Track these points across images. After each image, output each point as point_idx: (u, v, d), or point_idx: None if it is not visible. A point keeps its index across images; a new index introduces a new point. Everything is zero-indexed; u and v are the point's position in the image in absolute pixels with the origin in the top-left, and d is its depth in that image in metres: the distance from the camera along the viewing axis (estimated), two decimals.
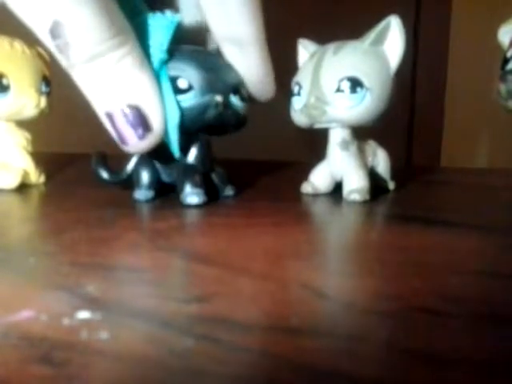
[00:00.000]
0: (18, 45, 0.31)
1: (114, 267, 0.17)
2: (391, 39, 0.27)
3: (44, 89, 0.32)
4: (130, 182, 0.28)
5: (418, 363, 0.11)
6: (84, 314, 0.13)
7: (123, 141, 0.22)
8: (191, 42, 0.26)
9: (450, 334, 0.12)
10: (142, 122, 0.22)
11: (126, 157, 0.28)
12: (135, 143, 0.22)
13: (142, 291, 0.15)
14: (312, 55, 0.29)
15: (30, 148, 0.33)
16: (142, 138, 0.22)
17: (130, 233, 0.21)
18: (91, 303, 0.14)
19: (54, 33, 0.20)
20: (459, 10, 0.83)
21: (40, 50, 0.33)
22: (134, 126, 0.22)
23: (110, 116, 0.22)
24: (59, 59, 0.21)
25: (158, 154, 0.26)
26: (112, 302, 0.14)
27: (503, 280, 0.16)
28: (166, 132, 0.24)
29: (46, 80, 0.33)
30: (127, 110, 0.22)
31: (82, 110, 0.24)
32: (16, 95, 0.31)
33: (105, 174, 0.29)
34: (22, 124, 0.33)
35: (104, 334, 0.12)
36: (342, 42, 0.28)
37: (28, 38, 0.22)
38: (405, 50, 0.27)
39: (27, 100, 0.31)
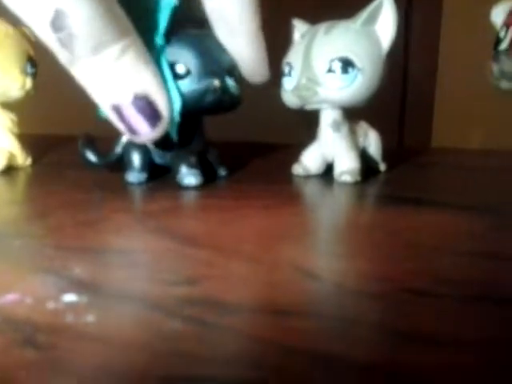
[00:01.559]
0: (2, 25, 0.30)
1: (101, 250, 0.17)
2: (383, 19, 0.26)
3: (29, 70, 0.32)
4: (120, 164, 0.28)
5: (407, 344, 0.11)
6: (70, 297, 0.13)
7: (134, 132, 0.22)
8: (193, 23, 0.26)
9: (440, 315, 0.12)
10: (152, 110, 0.21)
11: (115, 138, 0.28)
12: (147, 132, 0.22)
13: (130, 274, 0.15)
14: (303, 35, 0.28)
15: (16, 130, 0.32)
16: (153, 126, 0.22)
17: (119, 215, 0.21)
18: (78, 286, 0.14)
19: (56, 24, 0.19)
20: None
21: (25, 29, 0.32)
22: (145, 116, 0.21)
23: (117, 108, 0.21)
24: (59, 54, 0.20)
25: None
26: (99, 284, 0.14)
27: (494, 261, 0.16)
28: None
29: (32, 61, 0.32)
30: (136, 101, 0.21)
31: (70, 90, 0.23)
32: (0, 76, 0.30)
33: (92, 157, 0.28)
34: (8, 105, 0.32)
35: (90, 317, 0.12)
36: (334, 22, 0.27)
37: (12, 17, 0.21)
38: (397, 31, 0.26)
39: (12, 81, 0.30)
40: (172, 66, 0.24)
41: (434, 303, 0.13)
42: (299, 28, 0.29)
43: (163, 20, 0.23)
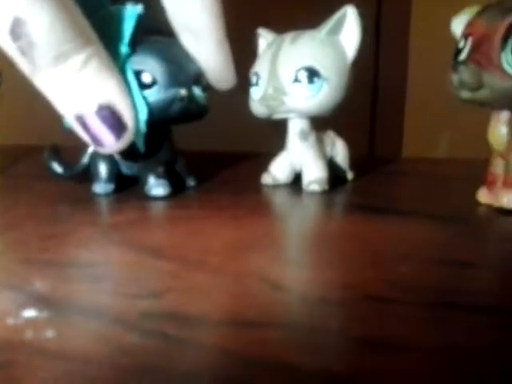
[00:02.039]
0: None
1: (64, 263, 0.17)
2: (347, 29, 0.27)
3: None
4: (86, 175, 0.28)
5: (368, 351, 0.11)
6: (30, 313, 0.13)
7: (99, 142, 0.21)
8: (159, 32, 0.26)
9: (400, 321, 0.12)
10: (116, 120, 0.21)
11: (81, 149, 0.27)
12: (111, 143, 0.22)
13: (93, 287, 0.15)
14: (270, 45, 0.28)
15: None
16: (118, 137, 0.21)
17: (84, 228, 0.21)
18: (38, 301, 0.13)
19: (16, 32, 0.18)
20: (420, 2, 0.84)
21: None
22: (109, 126, 0.21)
23: (81, 119, 0.21)
24: (20, 63, 0.19)
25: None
26: (60, 299, 0.14)
27: (453, 267, 0.16)
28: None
29: None
30: (100, 111, 0.21)
31: (36, 100, 0.23)
32: None
33: (58, 168, 0.28)
34: None
35: (50, 333, 0.12)
36: (300, 31, 0.28)
37: None
38: (362, 40, 0.27)
39: None
40: (137, 75, 0.24)
41: (393, 310, 0.13)
42: (265, 37, 0.30)
43: (128, 29, 0.23)
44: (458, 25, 0.24)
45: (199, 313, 0.13)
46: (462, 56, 0.22)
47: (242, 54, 0.28)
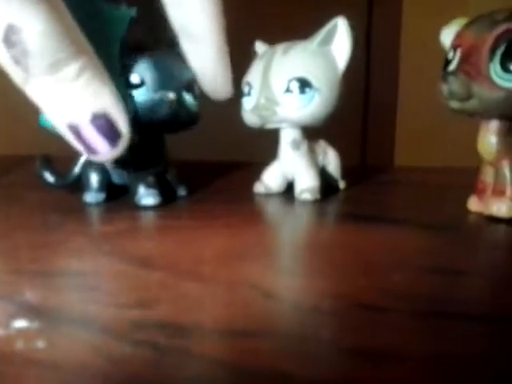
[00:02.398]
0: None
1: (55, 273, 0.17)
2: (338, 40, 0.27)
3: None
4: (78, 184, 0.28)
5: (360, 360, 0.11)
6: (20, 323, 0.13)
7: (93, 151, 0.21)
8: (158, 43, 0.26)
9: (393, 330, 0.12)
10: (111, 129, 0.21)
11: (73, 158, 0.27)
12: (106, 151, 0.21)
13: (83, 297, 0.15)
14: (262, 56, 0.29)
15: None
16: (113, 145, 0.21)
17: (74, 238, 0.21)
18: (28, 311, 0.13)
19: (10, 39, 0.18)
20: (410, 12, 0.85)
21: None
22: (104, 135, 0.21)
23: (74, 128, 0.20)
24: (13, 73, 0.19)
25: None
26: (51, 309, 0.14)
27: (445, 276, 0.16)
28: None
29: None
30: (94, 120, 0.20)
31: (27, 110, 0.23)
32: None
33: (50, 178, 0.28)
34: None
35: (40, 343, 0.12)
36: (292, 42, 0.28)
37: None
38: (353, 51, 0.27)
39: None
40: (126, 75, 0.24)
41: (385, 319, 0.13)
42: (259, 49, 0.30)
43: (120, 31, 0.23)
44: (447, 36, 0.24)
45: (190, 322, 0.13)
46: (452, 67, 0.23)
47: (238, 63, 0.28)
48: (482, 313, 0.14)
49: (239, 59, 0.28)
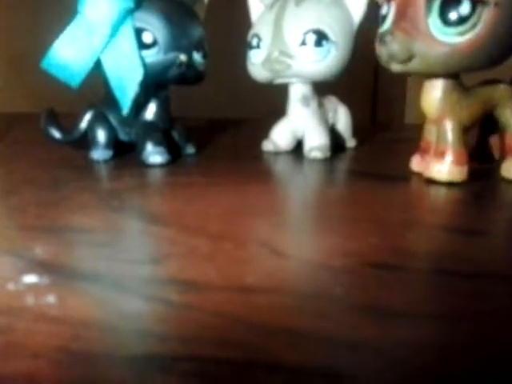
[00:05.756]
0: None
1: (63, 229, 0.17)
2: None
3: None
4: (84, 141, 0.27)
5: (370, 318, 0.11)
6: (30, 278, 0.13)
7: None
8: None
9: (403, 288, 0.12)
10: None
11: (78, 115, 0.27)
12: None
13: (93, 253, 0.15)
14: (270, 6, 0.27)
15: None
16: None
17: (82, 194, 0.21)
18: (38, 267, 0.13)
19: None
20: None
21: None
22: None
23: None
24: None
25: (114, 110, 0.25)
26: (61, 264, 0.14)
27: (458, 235, 0.16)
28: (121, 87, 0.23)
29: None
30: None
31: (30, 67, 0.22)
32: None
33: (56, 133, 0.27)
34: None
35: (51, 298, 0.12)
36: None
37: None
38: (369, 4, 0.26)
39: None
40: (138, 34, 0.23)
41: (396, 277, 0.13)
42: None
43: None
44: None
45: (200, 278, 0.13)
46: (387, 25, 0.20)
47: (236, 15, 0.27)
48: (496, 271, 0.13)
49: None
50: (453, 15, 0.18)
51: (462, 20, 0.18)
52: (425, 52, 0.19)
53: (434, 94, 0.21)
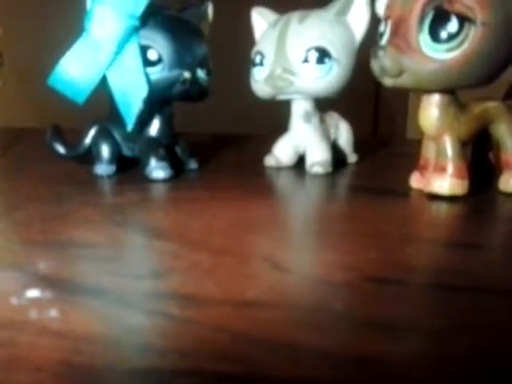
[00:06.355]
0: None
1: (67, 244, 0.17)
2: (356, 9, 0.26)
3: None
4: (88, 156, 0.28)
5: (370, 332, 0.11)
6: (33, 293, 0.13)
7: None
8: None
9: (402, 302, 0.12)
10: None
11: (83, 130, 0.27)
12: None
13: (96, 268, 0.15)
14: (274, 24, 0.28)
15: None
16: None
17: (86, 209, 0.21)
18: (42, 281, 0.13)
19: None
20: None
21: None
22: None
23: None
24: None
25: (119, 126, 0.25)
26: (64, 279, 0.14)
27: (456, 249, 0.16)
28: (126, 104, 0.23)
29: None
30: None
31: (36, 82, 0.23)
32: None
33: (61, 149, 0.28)
34: None
35: (53, 313, 0.12)
36: (306, 11, 0.27)
37: None
38: (371, 22, 0.26)
39: None
40: (143, 51, 0.23)
41: (396, 291, 0.13)
42: (265, 16, 0.29)
43: (142, 3, 0.23)
44: (380, 7, 0.23)
45: (202, 293, 0.13)
46: (383, 41, 0.21)
47: (240, 33, 0.28)
48: (494, 285, 0.13)
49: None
50: (442, 32, 0.19)
51: (450, 37, 0.19)
52: (415, 68, 0.20)
53: (432, 111, 0.22)
